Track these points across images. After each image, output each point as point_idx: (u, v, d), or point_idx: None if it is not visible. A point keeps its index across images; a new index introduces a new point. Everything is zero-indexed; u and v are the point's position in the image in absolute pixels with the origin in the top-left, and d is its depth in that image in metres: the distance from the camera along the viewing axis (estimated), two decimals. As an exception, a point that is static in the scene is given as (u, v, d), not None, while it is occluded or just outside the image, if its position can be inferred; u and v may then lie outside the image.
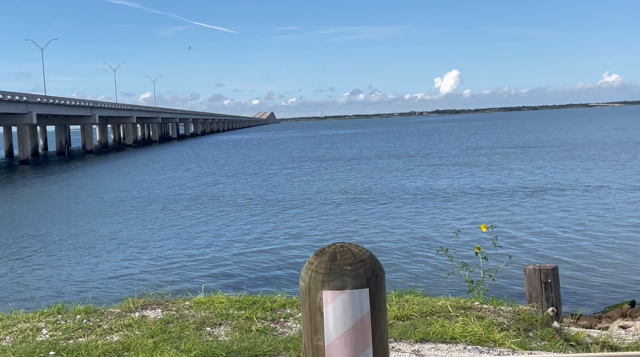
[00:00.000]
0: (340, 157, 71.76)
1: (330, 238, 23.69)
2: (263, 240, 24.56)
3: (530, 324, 7.13)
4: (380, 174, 48.69)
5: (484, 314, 7.15)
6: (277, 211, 31.49)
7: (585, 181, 39.41)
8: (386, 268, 16.64)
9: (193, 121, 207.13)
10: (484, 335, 6.36)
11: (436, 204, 31.57)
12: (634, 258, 21.10)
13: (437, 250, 9.55)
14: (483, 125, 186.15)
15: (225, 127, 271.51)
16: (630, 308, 17.92)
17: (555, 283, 8.77)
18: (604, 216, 27.62)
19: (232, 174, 53.83)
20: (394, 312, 6.78)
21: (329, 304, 1.93)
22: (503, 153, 66.59)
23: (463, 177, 43.55)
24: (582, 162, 52.04)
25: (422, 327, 6.37)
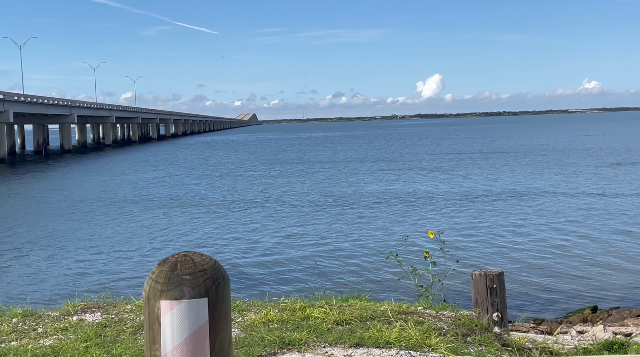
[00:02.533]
0: (308, 160, 72.18)
1: (274, 241, 23.82)
2: (220, 242, 24.63)
3: (469, 329, 7.24)
4: (341, 177, 49.03)
5: (425, 319, 7.24)
6: (232, 213, 31.70)
7: (544, 187, 39.90)
8: (337, 273, 16.81)
9: (174, 122, 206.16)
10: (420, 340, 6.45)
11: (390, 208, 31.80)
12: (598, 264, 21.44)
13: (387, 255, 9.65)
14: (461, 130, 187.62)
15: (206, 128, 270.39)
16: (592, 313, 18.19)
17: (500, 288, 8.91)
18: (568, 222, 27.99)
19: (198, 176, 53.93)
20: (334, 317, 6.86)
21: (167, 314, 1.97)
22: (470, 158, 67.31)
23: (423, 182, 43.97)
24: (544, 168, 52.73)
25: (359, 332, 6.45)
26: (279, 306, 7.27)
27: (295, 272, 18.53)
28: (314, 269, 18.53)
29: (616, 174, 46.59)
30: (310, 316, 6.88)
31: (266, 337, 6.12)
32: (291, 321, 6.72)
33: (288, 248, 22.71)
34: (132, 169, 62.93)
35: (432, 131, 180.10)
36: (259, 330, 6.40)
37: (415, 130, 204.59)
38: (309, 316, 6.88)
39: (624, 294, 19.15)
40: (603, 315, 17.94)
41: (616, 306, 18.50)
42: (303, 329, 6.40)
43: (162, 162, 74.34)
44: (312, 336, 6.26)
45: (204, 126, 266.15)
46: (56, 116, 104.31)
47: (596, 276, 20.45)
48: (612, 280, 20.11)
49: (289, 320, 6.73)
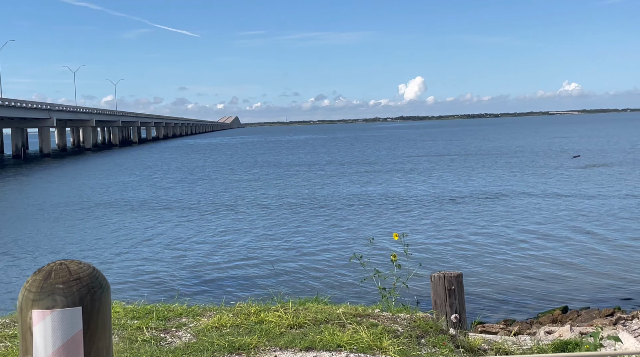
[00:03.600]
0: (286, 163, 72.44)
1: (239, 245, 23.82)
2: (185, 246, 24.58)
3: (424, 331, 7.28)
4: (316, 180, 49.23)
5: (380, 322, 7.28)
6: (202, 217, 31.78)
7: (515, 189, 40.23)
8: (302, 277, 16.80)
9: (155, 125, 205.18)
10: (371, 342, 6.48)
11: (360, 211, 31.95)
12: (569, 265, 21.65)
13: (350, 258, 9.67)
14: (441, 132, 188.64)
15: (188, 131, 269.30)
16: (562, 314, 18.39)
17: (459, 290, 8.97)
18: (539, 223, 28.24)
19: (174, 180, 53.94)
20: (288, 321, 6.87)
21: (39, 324, 1.96)
22: (445, 160, 67.94)
23: (395, 184, 44.32)
24: (516, 170, 53.22)
25: (311, 336, 6.46)
26: (234, 310, 7.27)
27: (258, 276, 18.50)
28: (277, 273, 18.54)
29: (587, 175, 47.12)
30: (265, 320, 6.88)
31: (216, 342, 6.12)
32: (244, 325, 6.72)
33: (253, 252, 22.67)
34: (109, 173, 62.59)
35: (413, 134, 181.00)
36: (211, 335, 6.39)
37: (396, 132, 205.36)
38: (263, 320, 6.88)
39: (594, 295, 19.36)
40: (573, 315, 18.13)
41: (586, 306, 18.70)
42: (255, 334, 6.40)
43: (140, 165, 74.01)
44: (263, 340, 6.26)
45: (186, 129, 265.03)
46: (35, 120, 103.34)
47: (568, 277, 20.66)
48: (583, 281, 20.32)
49: (242, 324, 6.73)
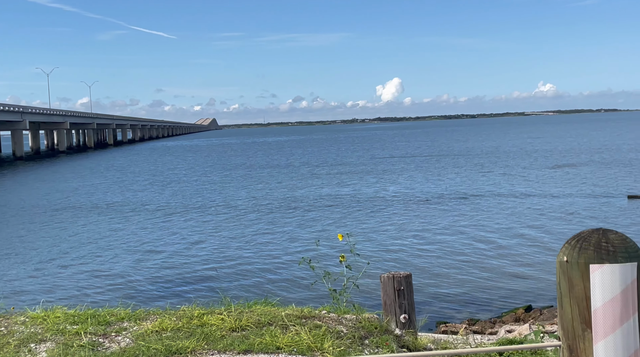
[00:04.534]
0: (258, 165, 72.47)
1: (192, 248, 23.77)
2: (141, 248, 24.47)
3: (369, 332, 7.32)
4: (282, 182, 49.35)
5: (324, 323, 7.31)
6: (162, 219, 31.66)
7: (477, 189, 40.67)
8: (257, 278, 16.75)
9: (131, 127, 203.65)
10: (312, 344, 6.51)
11: (318, 212, 32.11)
12: (533, 264, 21.90)
13: (299, 261, 9.69)
14: (417, 133, 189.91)
15: (165, 134, 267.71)
16: (525, 313, 18.59)
17: (408, 290, 9.04)
18: (501, 222, 28.52)
19: (143, 183, 53.70)
20: (230, 324, 6.87)
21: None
22: (414, 161, 68.50)
23: (358, 185, 44.49)
24: (481, 171, 53.77)
25: (251, 339, 6.47)
26: (177, 314, 7.25)
27: (214, 278, 18.44)
28: (236, 275, 18.52)
29: (554, 175, 47.73)
30: (207, 323, 6.87)
31: (153, 347, 6.10)
32: (185, 328, 6.71)
33: (214, 254, 22.61)
34: (81, 176, 62.08)
35: (389, 135, 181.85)
36: (150, 339, 6.37)
37: (372, 133, 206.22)
38: (206, 323, 6.87)
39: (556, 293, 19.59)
40: (535, 314, 18.34)
41: (550, 305, 18.94)
42: (194, 337, 6.40)
43: (113, 168, 73.49)
44: (201, 344, 6.26)
45: (163, 131, 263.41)
46: (7, 122, 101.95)
47: (533, 276, 20.89)
48: (547, 280, 20.55)
49: (183, 328, 6.72)
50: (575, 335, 2.23)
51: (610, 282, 2.12)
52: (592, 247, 2.18)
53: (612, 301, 2.13)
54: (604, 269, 2.13)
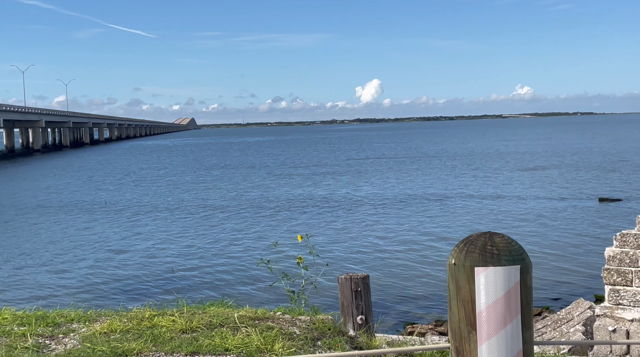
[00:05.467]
0: (232, 165, 72.35)
1: (150, 249, 23.65)
2: (99, 247, 24.30)
3: (322, 333, 7.34)
4: (254, 182, 49.34)
5: (278, 325, 7.31)
6: (125, 219, 31.51)
7: (445, 190, 40.99)
8: (213, 280, 16.67)
9: (108, 126, 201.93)
10: (262, 346, 6.51)
11: (281, 214, 32.11)
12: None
13: (258, 262, 9.69)
14: (394, 135, 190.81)
15: (143, 133, 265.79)
16: (491, 313, 18.77)
17: (365, 292, 9.07)
18: (469, 223, 28.75)
19: (113, 182, 53.46)
20: (181, 325, 6.84)
21: None
22: (387, 163, 68.93)
23: (326, 187, 44.71)
24: (451, 172, 54.21)
25: (201, 340, 6.45)
26: (128, 315, 7.20)
27: (168, 280, 18.31)
28: (189, 276, 18.40)
29: (524, 178, 48.22)
30: (157, 324, 6.83)
31: (98, 349, 6.05)
32: (135, 330, 6.66)
33: (169, 256, 22.49)
34: (52, 175, 61.46)
35: (367, 136, 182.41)
36: (97, 341, 6.32)
37: (351, 134, 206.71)
38: (156, 324, 6.83)
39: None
40: (502, 315, 18.52)
41: (517, 305, 19.09)
42: (143, 339, 6.36)
43: (85, 167, 72.93)
44: (149, 345, 6.22)
45: (140, 131, 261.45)
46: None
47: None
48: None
49: (132, 329, 6.67)
50: (462, 337, 2.26)
51: (493, 284, 2.15)
52: (478, 250, 2.21)
53: (495, 303, 2.17)
54: (488, 272, 2.17)
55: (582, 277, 20.56)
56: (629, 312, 7.64)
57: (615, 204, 34.41)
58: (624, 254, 7.65)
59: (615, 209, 32.98)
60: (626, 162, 60.01)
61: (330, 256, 19.56)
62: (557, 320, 9.04)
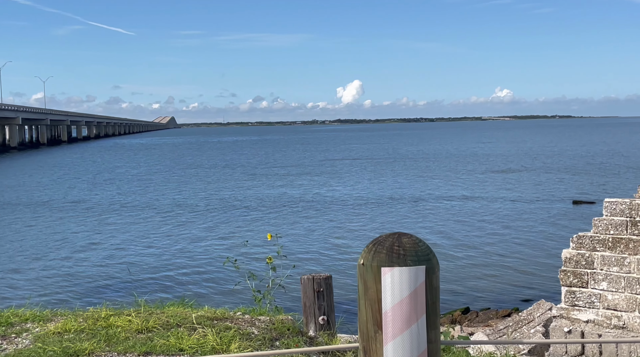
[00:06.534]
0: (200, 164, 72.23)
1: (114, 249, 23.45)
2: (62, 245, 24.07)
3: (280, 333, 7.34)
4: (226, 182, 49.27)
5: (236, 325, 7.29)
6: (91, 218, 31.24)
7: (419, 192, 41.18)
8: (177, 279, 16.61)
9: (86, 124, 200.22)
10: (218, 346, 6.49)
11: (250, 213, 32.05)
12: (475, 268, 22.23)
13: (224, 261, 9.64)
14: (374, 136, 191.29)
15: (122, 131, 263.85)
16: (462, 315, 18.85)
17: (328, 292, 9.06)
18: (443, 225, 28.91)
19: (86, 181, 53.00)
20: (137, 325, 6.79)
21: None
22: (361, 164, 69.16)
23: (296, 187, 44.69)
24: (423, 174, 54.56)
25: (156, 340, 6.41)
26: (84, 315, 7.13)
27: (131, 280, 18.17)
28: (154, 276, 18.27)
29: (501, 180, 48.61)
30: (113, 324, 6.78)
31: (49, 349, 5.98)
32: (89, 330, 6.60)
33: (134, 255, 22.30)
34: (25, 173, 60.78)
35: (347, 137, 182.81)
36: (49, 341, 6.25)
37: (330, 135, 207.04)
38: (112, 324, 6.78)
39: (497, 297, 19.91)
40: (472, 316, 18.61)
41: (487, 307, 19.23)
42: (96, 339, 6.31)
43: (60, 165, 72.25)
44: (102, 345, 6.16)
45: (119, 129, 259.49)
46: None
47: (473, 279, 21.20)
48: (487, 283, 20.88)
49: (87, 329, 6.61)
50: (369, 336, 2.27)
51: (399, 284, 2.16)
52: (385, 250, 2.22)
53: (400, 303, 2.18)
54: (394, 272, 2.18)
55: (554, 279, 20.77)
56: (584, 314, 7.75)
57: (588, 207, 34.78)
58: (580, 255, 7.76)
59: (589, 211, 33.35)
60: (602, 165, 60.73)
61: (298, 257, 19.54)
62: (519, 321, 9.15)
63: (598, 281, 7.74)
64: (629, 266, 7.51)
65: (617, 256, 7.62)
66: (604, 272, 7.72)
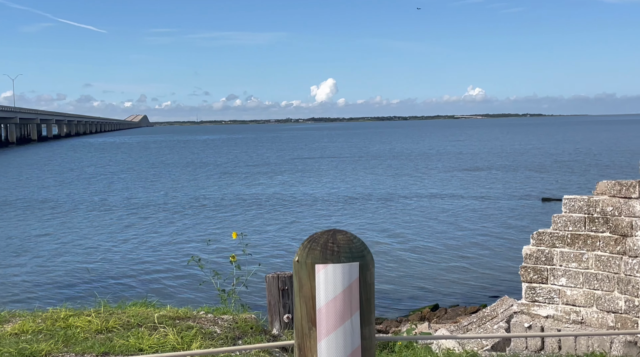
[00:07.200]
0: (170, 163, 71.86)
1: (78, 250, 23.17)
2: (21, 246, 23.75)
3: (243, 332, 7.32)
4: (192, 181, 49.10)
5: (199, 324, 7.25)
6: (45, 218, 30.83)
7: (388, 190, 41.43)
8: (141, 279, 16.45)
9: (57, 122, 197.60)
10: (178, 346, 6.45)
11: (214, 213, 31.96)
12: (446, 265, 22.39)
13: (188, 260, 9.58)
14: (347, 134, 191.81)
15: (93, 130, 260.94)
16: (431, 312, 19.00)
17: (292, 290, 9.07)
18: (412, 223, 29.08)
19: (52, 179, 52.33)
20: (96, 325, 6.72)
21: None
22: (331, 162, 69.42)
23: (260, 186, 44.68)
24: (392, 172, 54.91)
25: (115, 341, 6.35)
26: (43, 315, 7.04)
27: (93, 280, 17.98)
28: (118, 276, 18.10)
29: (472, 178, 49.08)
30: (72, 325, 6.70)
31: (4, 350, 5.89)
32: (47, 331, 6.51)
33: (97, 255, 22.06)
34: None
35: (319, 135, 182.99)
36: (5, 342, 6.16)
37: (303, 134, 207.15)
38: (71, 325, 6.70)
39: (466, 293, 20.10)
40: (440, 313, 18.76)
41: (456, 304, 19.40)
42: (54, 339, 6.22)
43: (26, 164, 71.16)
44: (59, 346, 6.08)
45: (91, 128, 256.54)
46: None
47: (443, 276, 21.35)
48: (457, 280, 21.05)
49: (45, 330, 6.52)
50: (304, 333, 2.28)
51: (332, 281, 2.17)
52: (320, 247, 2.23)
53: (334, 300, 2.18)
54: (328, 269, 2.19)
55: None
56: (544, 309, 7.85)
57: (557, 204, 35.26)
58: (539, 252, 7.86)
59: (557, 208, 33.80)
60: (570, 163, 61.61)
61: (264, 255, 19.51)
62: (483, 317, 9.25)
63: (557, 276, 7.86)
64: (587, 262, 7.64)
65: (575, 252, 7.75)
66: (563, 268, 7.85)
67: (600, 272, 7.52)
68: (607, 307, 7.40)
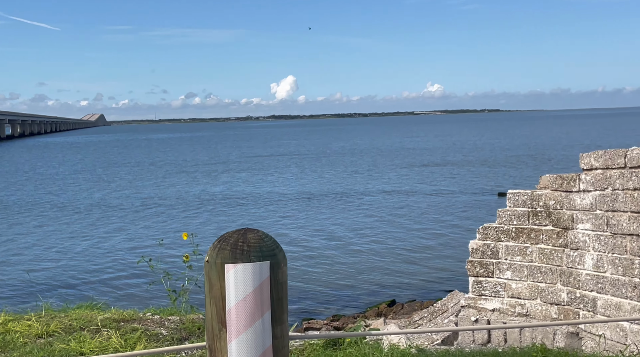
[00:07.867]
0: (124, 163, 71.05)
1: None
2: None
3: (190, 333, 7.24)
4: (146, 180, 48.63)
5: (144, 326, 7.14)
6: None
7: (346, 188, 41.65)
8: (89, 281, 16.17)
9: (10, 122, 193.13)
10: (122, 348, 6.34)
11: (164, 212, 31.77)
12: (402, 260, 22.55)
13: (138, 260, 9.42)
14: (306, 131, 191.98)
15: (48, 129, 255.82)
16: (387, 307, 19.13)
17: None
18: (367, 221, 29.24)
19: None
20: (37, 330, 6.56)
21: None
22: (287, 160, 69.42)
23: (231, 183, 44.55)
24: (348, 169, 55.27)
25: (55, 345, 6.21)
26: (-19, 321, 6.84)
27: (36, 283, 17.63)
28: (64, 279, 17.79)
29: (428, 174, 49.61)
30: (11, 330, 6.53)
31: (-64, 358, 5.70)
32: (-15, 337, 6.33)
33: (41, 257, 21.65)
34: None
35: (279, 133, 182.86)
36: (-62, 349, 5.96)
37: (263, 131, 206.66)
38: (10, 330, 6.53)
39: (422, 288, 20.27)
40: (397, 308, 18.90)
41: (413, 299, 19.55)
42: (-9, 345, 6.05)
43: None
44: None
45: (46, 127, 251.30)
46: None
47: (399, 272, 21.50)
48: (414, 275, 21.21)
49: (-18, 336, 6.34)
50: (214, 334, 2.25)
51: (242, 281, 2.14)
52: (230, 247, 2.20)
53: (244, 299, 2.15)
54: (237, 269, 2.15)
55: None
56: (490, 303, 7.96)
57: (511, 198, 35.83)
58: (485, 246, 7.96)
59: (511, 203, 34.37)
60: (526, 157, 62.76)
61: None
62: (434, 312, 9.32)
63: (503, 270, 7.97)
64: (531, 255, 7.76)
65: (520, 245, 7.87)
66: (508, 261, 7.96)
67: (543, 265, 7.66)
68: (550, 300, 7.53)
